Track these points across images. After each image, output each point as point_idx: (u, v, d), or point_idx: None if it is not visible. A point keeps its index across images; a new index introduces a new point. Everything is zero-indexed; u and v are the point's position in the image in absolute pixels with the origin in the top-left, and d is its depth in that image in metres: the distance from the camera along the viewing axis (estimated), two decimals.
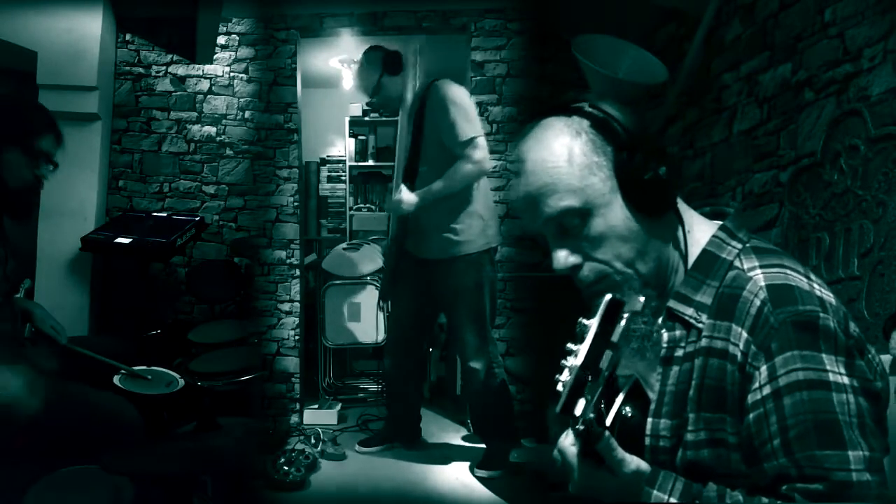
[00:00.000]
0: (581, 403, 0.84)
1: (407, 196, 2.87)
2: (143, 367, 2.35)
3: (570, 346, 0.89)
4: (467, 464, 3.17)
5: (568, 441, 0.93)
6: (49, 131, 1.91)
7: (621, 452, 0.89)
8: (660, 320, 1.05)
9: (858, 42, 2.22)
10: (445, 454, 3.22)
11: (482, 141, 2.84)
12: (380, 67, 2.99)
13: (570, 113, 1.03)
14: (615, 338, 0.86)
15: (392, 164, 5.24)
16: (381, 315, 4.09)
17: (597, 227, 1.00)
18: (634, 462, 0.90)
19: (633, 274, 1.00)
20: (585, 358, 0.85)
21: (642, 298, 0.99)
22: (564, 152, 1.00)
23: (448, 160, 2.85)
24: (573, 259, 1.02)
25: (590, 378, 0.85)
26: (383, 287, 3.17)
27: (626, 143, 1.00)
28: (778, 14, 2.63)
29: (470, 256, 2.94)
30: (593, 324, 0.87)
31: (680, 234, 1.04)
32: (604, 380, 0.85)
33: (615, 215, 1.00)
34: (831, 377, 0.88)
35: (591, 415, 0.84)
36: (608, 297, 0.88)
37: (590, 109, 1.03)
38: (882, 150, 2.11)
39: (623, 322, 0.87)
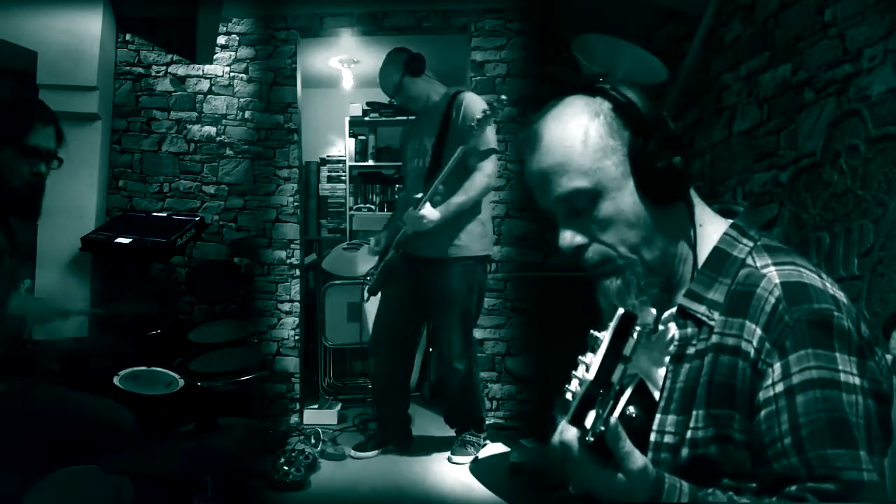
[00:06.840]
0: (591, 416, 0.84)
1: (430, 212, 2.87)
2: (143, 368, 2.35)
3: (581, 357, 0.89)
4: (467, 464, 3.16)
5: (570, 434, 0.88)
6: (44, 126, 1.90)
7: (629, 445, 0.87)
8: (665, 314, 1.04)
9: (858, 42, 2.22)
10: (445, 454, 3.21)
11: (495, 157, 2.95)
12: (401, 68, 3.02)
13: (594, 93, 1.03)
14: (627, 351, 0.86)
15: (392, 164, 5.31)
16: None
17: (605, 211, 1.00)
18: (642, 460, 0.88)
19: (636, 260, 1.00)
20: (598, 373, 0.85)
21: (653, 311, 0.98)
22: (580, 133, 1.00)
23: (462, 170, 2.90)
24: (579, 239, 1.02)
25: (601, 392, 0.85)
26: (375, 282, 3.17)
27: (643, 129, 1.00)
28: (778, 14, 2.63)
29: (467, 260, 2.99)
30: (605, 337, 0.87)
31: (689, 226, 1.04)
32: (615, 393, 0.86)
33: (625, 200, 1.00)
34: (842, 377, 0.89)
35: (602, 428, 0.84)
36: (620, 310, 0.88)
37: (612, 92, 1.02)
38: (882, 150, 2.11)
39: (635, 335, 0.87)
